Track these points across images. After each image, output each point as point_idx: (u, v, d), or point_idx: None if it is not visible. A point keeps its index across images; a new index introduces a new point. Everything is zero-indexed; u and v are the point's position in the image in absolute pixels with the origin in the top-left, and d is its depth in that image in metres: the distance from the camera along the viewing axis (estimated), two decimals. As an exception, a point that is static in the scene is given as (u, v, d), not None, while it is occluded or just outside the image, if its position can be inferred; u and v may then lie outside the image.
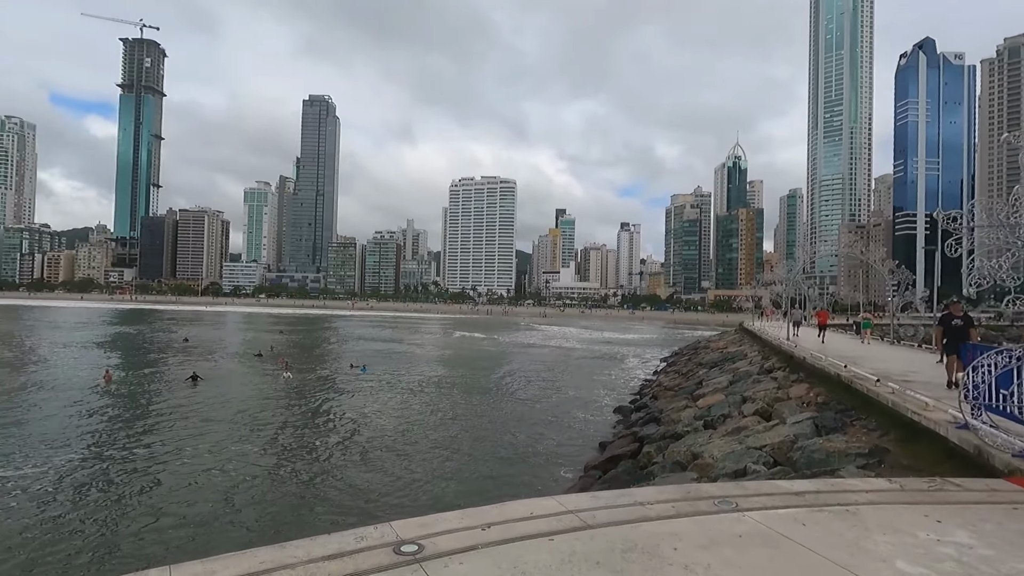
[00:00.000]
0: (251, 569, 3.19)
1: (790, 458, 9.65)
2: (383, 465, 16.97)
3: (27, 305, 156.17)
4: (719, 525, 4.02)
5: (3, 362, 40.40)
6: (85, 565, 10.51)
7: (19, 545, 11.08)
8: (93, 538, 11.56)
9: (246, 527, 12.29)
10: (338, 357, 48.28)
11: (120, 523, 12.38)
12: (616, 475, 13.88)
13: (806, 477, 8.13)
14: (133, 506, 13.38)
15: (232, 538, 11.50)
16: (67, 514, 12.71)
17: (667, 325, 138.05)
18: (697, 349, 44.75)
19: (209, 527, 12.23)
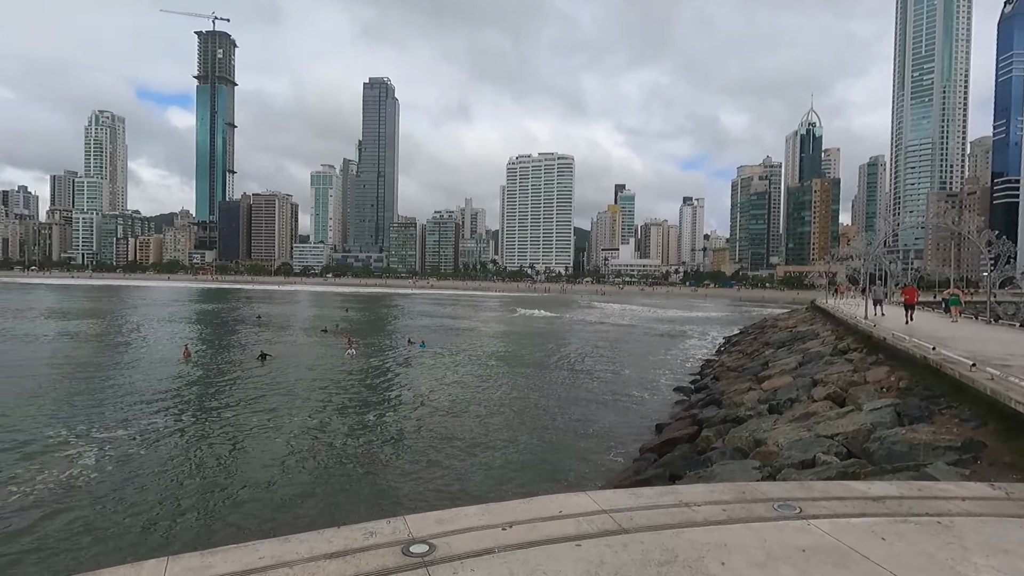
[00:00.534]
0: (249, 565, 2.97)
1: (866, 449, 8.73)
2: (430, 447, 17.01)
3: (124, 285, 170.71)
4: (779, 535, 3.45)
5: (102, 336, 44.15)
6: (146, 525, 11.11)
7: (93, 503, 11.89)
8: (154, 503, 12.24)
9: (283, 506, 12.64)
10: (399, 334, 49.34)
11: (178, 493, 13.04)
12: (672, 459, 13.24)
13: (886, 472, 7.28)
14: (190, 478, 14.05)
15: (269, 517, 11.86)
16: (129, 482, 13.53)
17: (732, 303, 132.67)
18: (763, 328, 42.50)
19: (247, 506, 12.63)
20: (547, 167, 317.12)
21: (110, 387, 24.68)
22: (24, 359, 32.15)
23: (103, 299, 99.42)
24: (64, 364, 30.78)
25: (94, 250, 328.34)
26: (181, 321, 61.00)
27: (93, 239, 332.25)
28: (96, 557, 9.99)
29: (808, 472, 8.26)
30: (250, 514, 11.91)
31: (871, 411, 10.57)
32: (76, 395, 22.75)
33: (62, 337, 43.41)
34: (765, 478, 8.96)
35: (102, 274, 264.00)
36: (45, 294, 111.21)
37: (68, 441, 16.44)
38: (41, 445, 16.07)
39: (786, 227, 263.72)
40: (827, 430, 10.36)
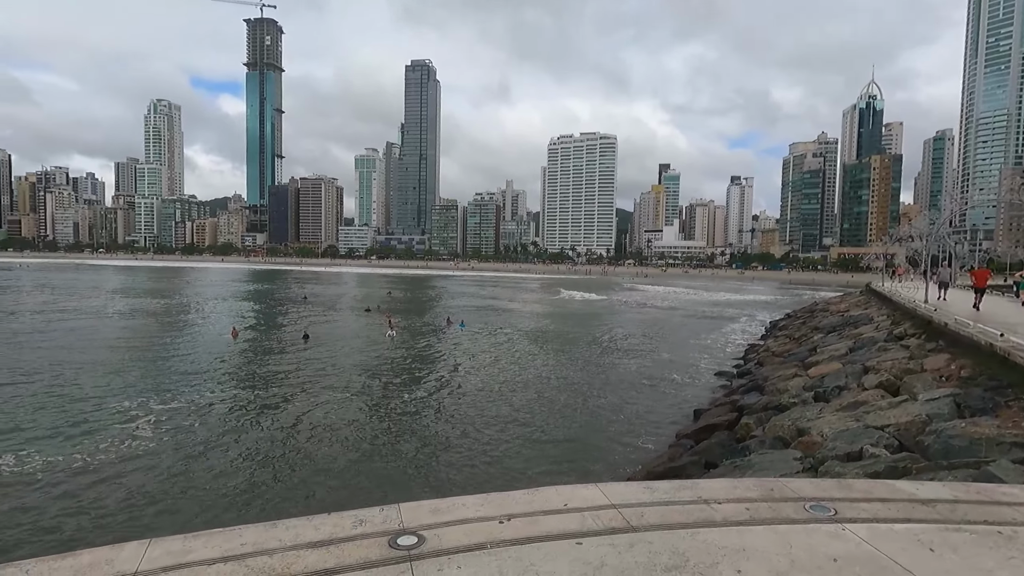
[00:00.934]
0: (229, 552, 2.84)
1: (920, 443, 8.06)
2: (458, 429, 16.95)
3: (182, 267, 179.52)
4: (807, 540, 3.08)
5: (161, 314, 46.47)
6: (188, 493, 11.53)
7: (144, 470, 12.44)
8: (200, 474, 12.68)
9: (304, 484, 12.86)
10: (439, 314, 49.77)
11: (222, 466, 13.47)
12: (709, 446, 12.75)
13: (941, 468, 6.67)
14: (233, 452, 14.50)
15: (293, 493, 12.08)
16: (180, 452, 14.07)
17: (781, 286, 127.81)
18: (813, 312, 40.63)
19: (274, 487, 12.94)
20: (589, 147, 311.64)
21: (167, 363, 26.01)
22: (94, 335, 34.34)
23: (163, 279, 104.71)
24: (128, 340, 32.79)
25: (155, 233, 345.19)
26: (233, 300, 63.79)
27: (154, 223, 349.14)
28: (148, 521, 10.44)
29: (854, 465, 7.69)
30: (279, 489, 12.20)
31: (927, 401, 9.79)
32: (137, 370, 24.05)
33: (127, 314, 46.09)
34: (807, 470, 8.44)
35: (162, 256, 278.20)
36: (113, 275, 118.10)
37: (129, 413, 17.32)
38: (106, 415, 17.05)
39: (841, 207, 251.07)
40: (877, 421, 9.67)
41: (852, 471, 7.44)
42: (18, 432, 15.47)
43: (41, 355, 26.97)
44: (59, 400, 18.76)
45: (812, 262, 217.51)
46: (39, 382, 21.38)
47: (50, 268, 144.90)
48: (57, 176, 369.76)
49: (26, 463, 13.14)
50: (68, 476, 12.50)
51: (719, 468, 9.95)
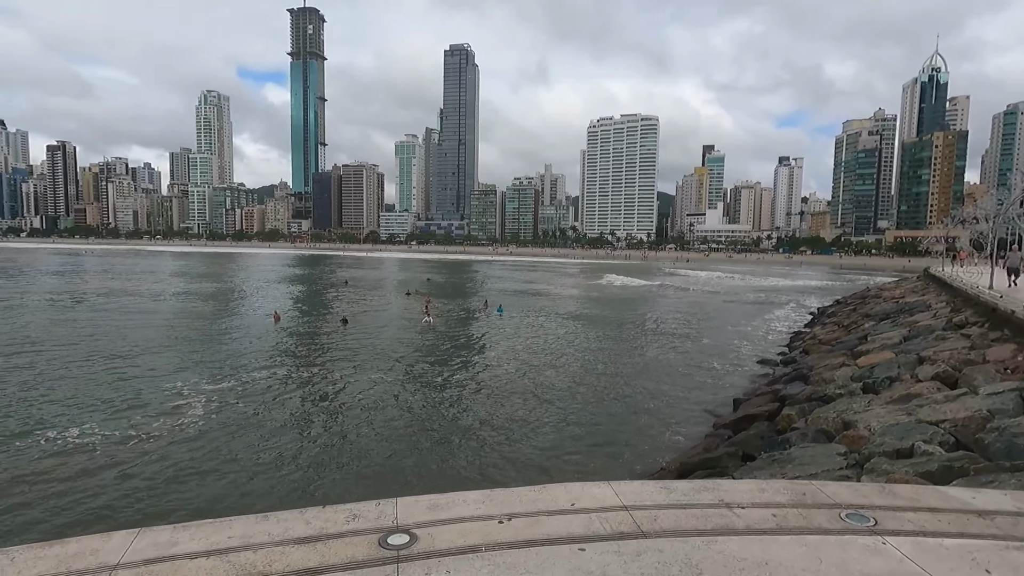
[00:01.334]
0: (215, 545, 2.74)
1: (979, 441, 7.41)
2: (483, 417, 16.89)
3: (232, 252, 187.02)
4: (840, 554, 2.74)
5: (211, 298, 48.35)
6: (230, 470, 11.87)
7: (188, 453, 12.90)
8: (243, 455, 13.05)
9: (330, 468, 13.02)
10: (477, 299, 49.86)
11: (262, 447, 13.82)
12: (747, 438, 12.23)
13: (1003, 470, 6.09)
14: (274, 433, 14.85)
15: (318, 475, 12.25)
16: (226, 432, 14.52)
17: (832, 271, 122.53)
18: (865, 298, 38.64)
19: (306, 464, 13.16)
20: (629, 129, 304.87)
21: (214, 345, 27.27)
22: (152, 315, 36.20)
23: (215, 264, 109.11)
24: (179, 321, 34.83)
25: (207, 220, 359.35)
26: (278, 284, 65.93)
27: (206, 210, 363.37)
28: (190, 499, 10.81)
29: (903, 463, 7.14)
30: (304, 473, 12.42)
31: (989, 395, 9.03)
32: (188, 351, 25.11)
33: (181, 297, 48.58)
34: (851, 466, 7.92)
35: (214, 242, 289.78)
36: (170, 260, 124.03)
37: (180, 393, 18.03)
38: (159, 395, 17.80)
39: (899, 187, 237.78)
40: (932, 415, 9.00)
41: (901, 469, 6.90)
42: (78, 407, 16.33)
43: (103, 333, 28.58)
44: (117, 376, 19.75)
45: (865, 246, 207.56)
46: (99, 358, 22.57)
47: (113, 254, 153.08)
48: (117, 166, 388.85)
49: (85, 436, 13.88)
50: (119, 449, 13.12)
51: (756, 461, 9.50)
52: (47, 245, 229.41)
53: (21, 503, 10.51)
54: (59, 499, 10.67)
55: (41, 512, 10.17)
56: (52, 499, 10.64)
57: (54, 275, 74.16)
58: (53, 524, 9.64)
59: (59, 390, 18.16)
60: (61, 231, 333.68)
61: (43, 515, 10.05)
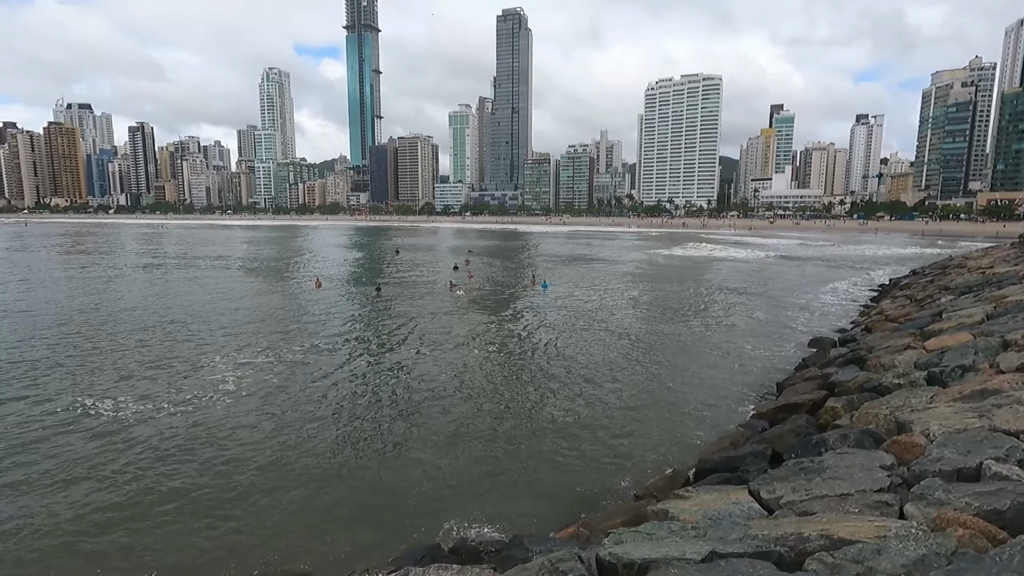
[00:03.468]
0: None
1: (1076, 463, 5.60)
2: (480, 411, 15.88)
3: (297, 225, 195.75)
4: None
5: (265, 266, 49.74)
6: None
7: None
8: (272, 431, 12.68)
9: (340, 448, 12.34)
10: (522, 273, 48.66)
11: (290, 424, 13.41)
12: (780, 433, 10.57)
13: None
14: (304, 410, 14.44)
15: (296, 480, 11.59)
16: (254, 406, 14.24)
17: (912, 237, 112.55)
18: (946, 268, 34.53)
19: (330, 444, 12.55)
20: (690, 91, 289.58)
21: (255, 313, 28.35)
22: (203, 284, 38.05)
23: (278, 237, 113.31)
24: (232, 288, 37.64)
25: (272, 195, 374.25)
26: (331, 252, 67.55)
27: (271, 185, 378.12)
28: (216, 474, 10.47)
29: (965, 489, 5.46)
30: (331, 453, 11.85)
31: (1093, 398, 7.04)
32: (227, 321, 25.99)
33: (236, 265, 50.18)
34: (894, 488, 6.28)
35: (279, 216, 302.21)
36: (239, 233, 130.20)
37: (215, 366, 18.14)
38: (195, 368, 18.04)
39: (995, 144, 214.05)
40: (1013, 421, 7.12)
41: (961, 499, 5.25)
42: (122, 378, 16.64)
43: (162, 294, 29.95)
44: (166, 345, 20.13)
45: (953, 210, 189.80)
46: (158, 326, 23.27)
47: (186, 228, 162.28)
48: (190, 145, 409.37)
49: (120, 408, 14.07)
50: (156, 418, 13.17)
51: (781, 468, 7.94)
52: (131, 220, 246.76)
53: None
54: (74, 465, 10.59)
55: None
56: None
57: (131, 250, 78.96)
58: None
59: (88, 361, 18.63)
60: (144, 208, 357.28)
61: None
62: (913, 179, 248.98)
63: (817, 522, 5.12)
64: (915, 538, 4.38)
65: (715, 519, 6.53)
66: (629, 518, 7.86)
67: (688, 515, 6.79)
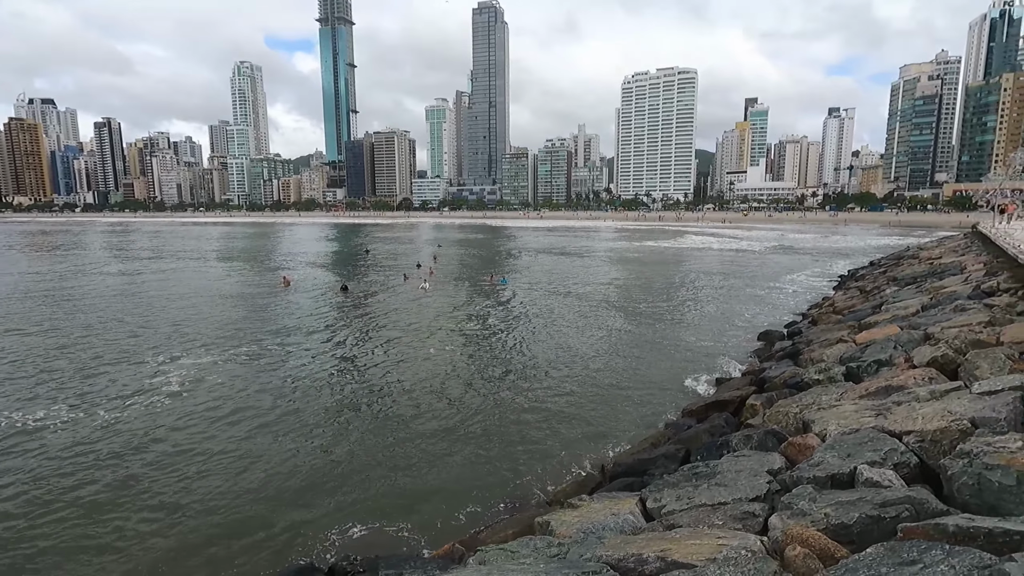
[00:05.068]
0: None
1: (945, 468, 5.31)
2: (406, 413, 15.46)
3: (270, 222, 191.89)
4: None
5: (232, 264, 48.38)
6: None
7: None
8: (213, 434, 12.00)
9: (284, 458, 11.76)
10: (490, 268, 48.21)
11: (239, 426, 12.74)
12: (697, 433, 10.30)
13: (957, 533, 4.06)
14: (252, 410, 13.80)
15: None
16: (199, 411, 13.53)
17: (881, 229, 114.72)
18: (900, 259, 34.97)
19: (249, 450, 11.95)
20: (666, 84, 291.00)
21: (215, 312, 27.58)
22: (168, 283, 36.39)
23: (249, 234, 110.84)
24: (196, 286, 36.95)
25: (246, 191, 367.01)
26: (301, 252, 66.12)
27: (245, 182, 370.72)
28: (160, 480, 9.80)
29: (830, 499, 5.14)
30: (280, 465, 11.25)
31: (983, 395, 6.82)
32: (184, 320, 25.20)
33: (206, 262, 48.59)
34: (770, 496, 5.97)
35: (253, 213, 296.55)
36: (212, 229, 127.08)
37: (160, 367, 17.42)
38: (138, 370, 17.26)
39: (960, 136, 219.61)
40: (901, 421, 6.87)
41: (823, 509, 4.94)
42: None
43: (125, 295, 28.63)
44: (105, 347, 19.17)
45: (920, 201, 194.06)
46: (109, 323, 22.21)
47: (161, 225, 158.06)
48: (160, 141, 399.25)
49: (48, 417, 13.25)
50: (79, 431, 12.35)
51: (676, 474, 7.61)
52: (98, 219, 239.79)
53: None
54: None
55: None
56: None
57: (94, 248, 76.46)
58: None
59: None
60: (112, 206, 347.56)
61: None
62: (883, 171, 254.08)
63: (663, 540, 4.76)
64: (736, 562, 4.03)
65: (588, 532, 6.17)
66: (520, 529, 7.48)
67: (565, 528, 6.42)
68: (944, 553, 3.53)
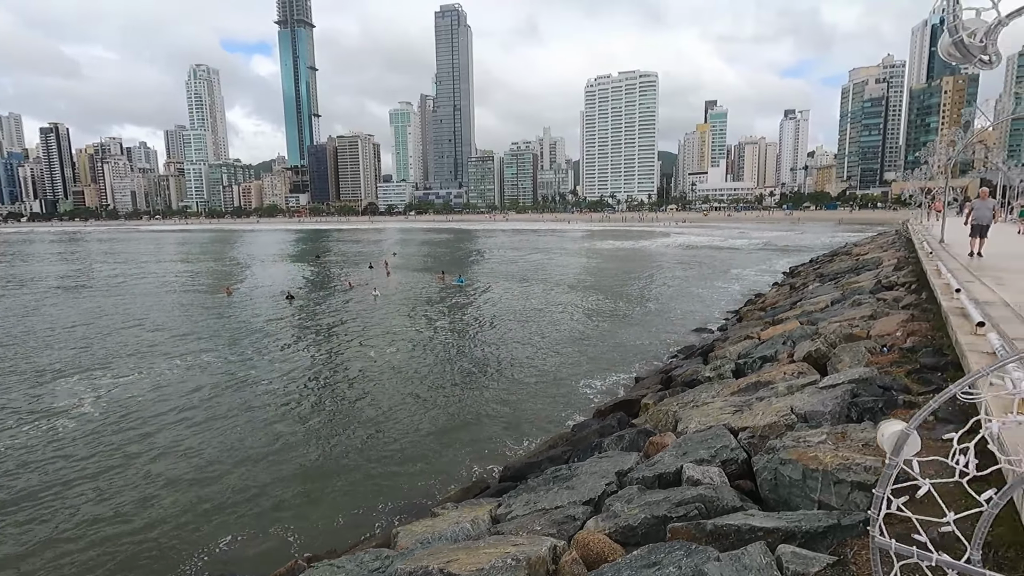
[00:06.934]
0: None
1: (755, 466, 5.35)
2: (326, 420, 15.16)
3: (229, 229, 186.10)
4: None
5: (175, 272, 46.69)
6: None
7: None
8: (134, 454, 11.36)
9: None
10: (451, 268, 47.85)
11: (161, 449, 12.11)
12: (587, 434, 10.30)
13: (731, 536, 4.05)
14: (178, 432, 13.15)
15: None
16: (113, 433, 12.83)
17: (836, 226, 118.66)
18: (835, 256, 36.18)
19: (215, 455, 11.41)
20: (628, 87, 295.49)
21: (145, 324, 26.37)
22: (107, 295, 34.72)
23: (204, 240, 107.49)
24: (133, 296, 35.54)
25: (205, 198, 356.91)
26: (253, 259, 64.33)
27: (203, 187, 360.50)
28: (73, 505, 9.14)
29: (645, 498, 5.12)
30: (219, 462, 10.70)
31: (824, 388, 6.96)
32: (96, 336, 23.78)
33: (146, 273, 46.68)
34: (603, 497, 5.93)
35: (212, 220, 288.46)
36: (165, 236, 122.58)
37: (73, 391, 16.40)
38: (42, 389, 16.26)
39: (907, 136, 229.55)
40: (752, 416, 6.95)
41: (633, 511, 4.90)
42: None
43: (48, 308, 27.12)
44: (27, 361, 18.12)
45: (871, 199, 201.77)
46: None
47: (112, 231, 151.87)
48: (112, 147, 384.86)
49: None
50: None
51: (539, 477, 7.54)
52: (44, 228, 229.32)
53: None
54: None
55: None
56: None
57: (33, 259, 72.93)
58: None
59: None
60: (61, 215, 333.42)
61: None
62: (836, 171, 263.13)
63: (460, 551, 4.65)
64: (501, 570, 3.94)
65: (425, 542, 6.01)
66: (379, 542, 7.29)
67: (408, 539, 6.26)
68: (684, 553, 3.51)
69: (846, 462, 4.43)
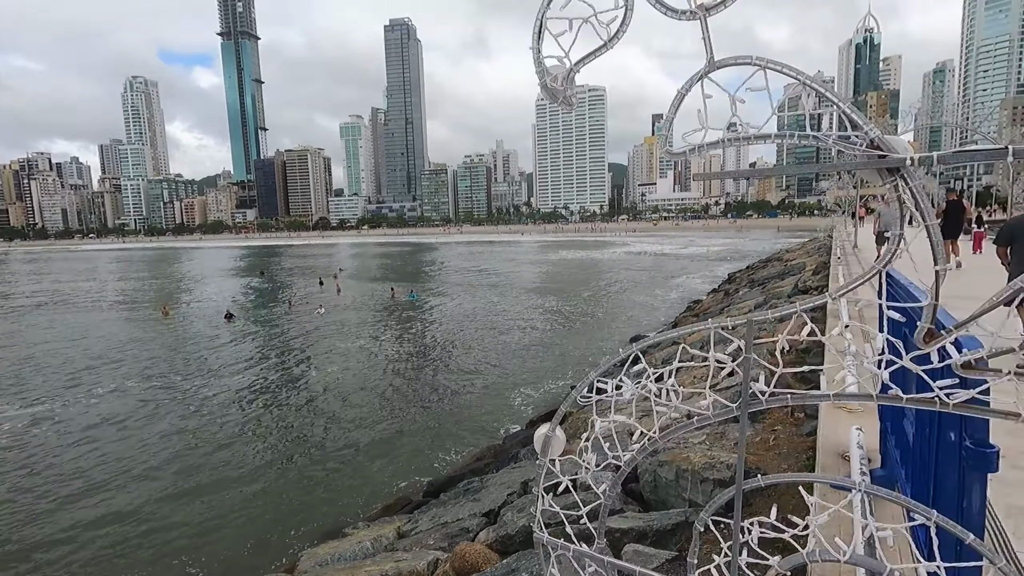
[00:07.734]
0: None
1: (640, 475, 5.58)
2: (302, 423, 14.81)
3: (169, 247, 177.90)
4: None
5: (104, 297, 44.19)
6: None
7: None
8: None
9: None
10: (397, 284, 47.30)
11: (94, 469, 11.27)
12: (511, 446, 10.41)
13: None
14: (97, 458, 12.32)
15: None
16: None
17: (775, 234, 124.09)
18: (768, 262, 37.92)
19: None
20: (578, 101, 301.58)
21: (75, 348, 25.00)
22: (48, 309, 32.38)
23: (142, 260, 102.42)
24: (60, 321, 33.45)
25: (144, 215, 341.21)
26: (193, 277, 61.67)
27: (142, 204, 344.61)
28: None
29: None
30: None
31: (717, 390, 7.31)
32: (17, 362, 22.12)
33: (74, 297, 43.98)
34: (505, 507, 6.02)
35: (152, 238, 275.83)
36: (98, 255, 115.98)
37: None
38: None
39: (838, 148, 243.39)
40: (646, 421, 7.22)
41: (520, 520, 5.00)
42: None
43: None
44: None
45: (809, 207, 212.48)
46: None
47: (36, 253, 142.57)
48: (40, 162, 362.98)
49: None
50: None
51: (451, 491, 7.57)
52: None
53: None
54: None
55: None
56: None
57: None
58: None
59: None
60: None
61: None
62: (775, 180, 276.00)
63: (347, 570, 4.63)
64: None
65: (324, 563, 5.93)
66: (287, 568, 7.13)
67: (306, 563, 6.16)
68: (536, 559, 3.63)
69: (712, 461, 4.67)
